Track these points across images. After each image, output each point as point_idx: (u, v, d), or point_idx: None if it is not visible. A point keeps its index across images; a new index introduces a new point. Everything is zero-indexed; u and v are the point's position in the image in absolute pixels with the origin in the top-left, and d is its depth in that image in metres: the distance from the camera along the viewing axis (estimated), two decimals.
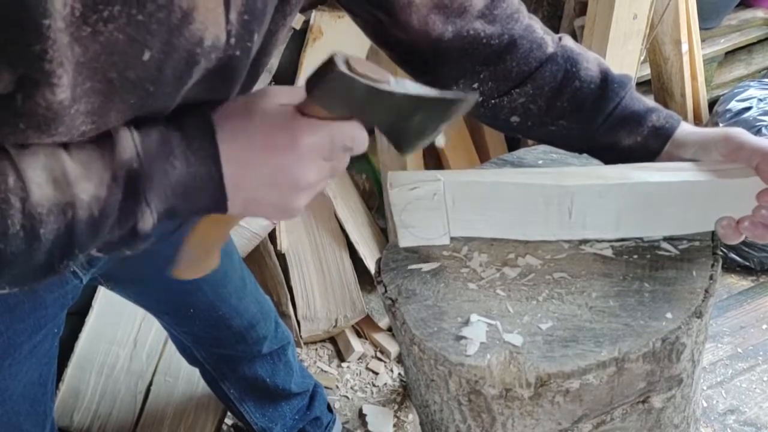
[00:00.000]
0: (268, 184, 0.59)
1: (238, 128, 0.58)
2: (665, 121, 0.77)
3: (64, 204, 0.52)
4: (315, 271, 1.84)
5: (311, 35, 1.63)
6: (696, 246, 0.76)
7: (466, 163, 1.91)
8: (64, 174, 0.52)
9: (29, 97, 0.47)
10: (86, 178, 0.52)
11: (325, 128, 0.58)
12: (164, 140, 0.55)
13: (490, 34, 0.76)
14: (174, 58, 0.52)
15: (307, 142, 0.58)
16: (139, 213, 0.55)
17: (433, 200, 0.76)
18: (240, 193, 0.59)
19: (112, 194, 0.53)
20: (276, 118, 0.58)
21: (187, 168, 0.56)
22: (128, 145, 0.54)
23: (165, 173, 0.55)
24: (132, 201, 0.54)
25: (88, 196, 0.52)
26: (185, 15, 0.50)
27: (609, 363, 0.64)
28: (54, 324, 0.92)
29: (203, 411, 1.62)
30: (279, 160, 0.58)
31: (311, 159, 0.59)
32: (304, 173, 0.59)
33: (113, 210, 0.54)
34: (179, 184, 0.56)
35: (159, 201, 0.56)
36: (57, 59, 0.45)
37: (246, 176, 0.58)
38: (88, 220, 0.53)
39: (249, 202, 0.60)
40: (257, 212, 0.62)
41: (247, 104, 0.59)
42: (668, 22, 2.01)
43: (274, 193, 0.60)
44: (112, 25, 0.46)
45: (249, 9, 0.56)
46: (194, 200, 0.58)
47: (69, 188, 0.52)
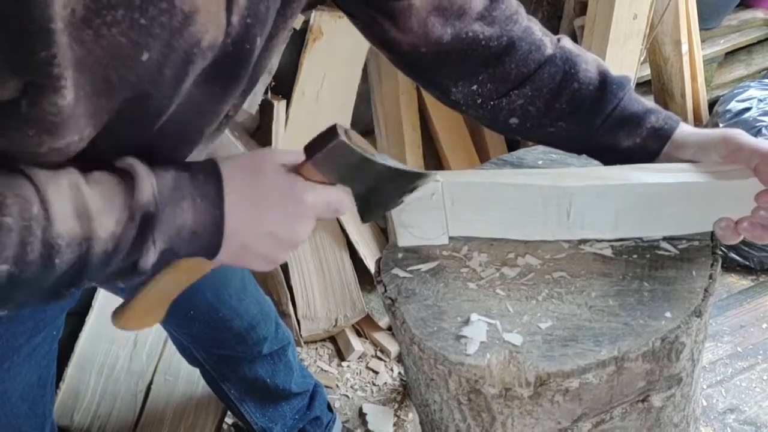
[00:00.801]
0: (265, 234, 0.64)
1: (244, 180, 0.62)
2: (664, 122, 0.78)
3: (83, 238, 0.54)
4: (315, 271, 1.84)
5: (311, 35, 1.64)
6: (695, 245, 0.76)
7: (466, 163, 1.92)
8: (86, 208, 0.54)
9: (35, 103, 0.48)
10: (106, 214, 0.55)
11: (325, 191, 0.65)
12: (177, 185, 0.59)
13: (489, 36, 0.77)
14: (172, 59, 0.52)
15: (310, 202, 0.64)
16: (144, 250, 0.58)
17: (432, 200, 0.76)
18: (235, 241, 0.63)
19: (127, 232, 0.56)
20: (280, 176, 0.63)
21: (194, 213, 0.60)
22: (147, 188, 0.57)
23: (174, 216, 0.58)
24: (141, 239, 0.57)
25: (106, 232, 0.55)
26: (186, 18, 0.50)
27: (608, 362, 0.64)
28: (53, 326, 0.92)
29: (203, 411, 1.62)
30: (282, 214, 0.63)
31: (310, 218, 0.65)
32: (301, 229, 0.65)
33: (125, 247, 0.57)
34: (184, 227, 0.59)
35: (163, 241, 0.59)
36: (63, 62, 0.46)
37: (247, 225, 0.62)
38: (102, 254, 0.56)
39: (240, 249, 0.64)
40: (242, 260, 0.66)
41: (252, 160, 0.64)
42: (668, 23, 2.01)
43: (267, 243, 0.64)
44: (116, 29, 0.47)
45: (252, 13, 0.56)
46: (194, 243, 0.61)
47: (90, 223, 0.54)
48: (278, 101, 1.67)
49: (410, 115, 1.84)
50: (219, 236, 0.62)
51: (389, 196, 0.73)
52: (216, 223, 0.61)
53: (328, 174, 0.65)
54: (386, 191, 0.71)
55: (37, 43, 0.44)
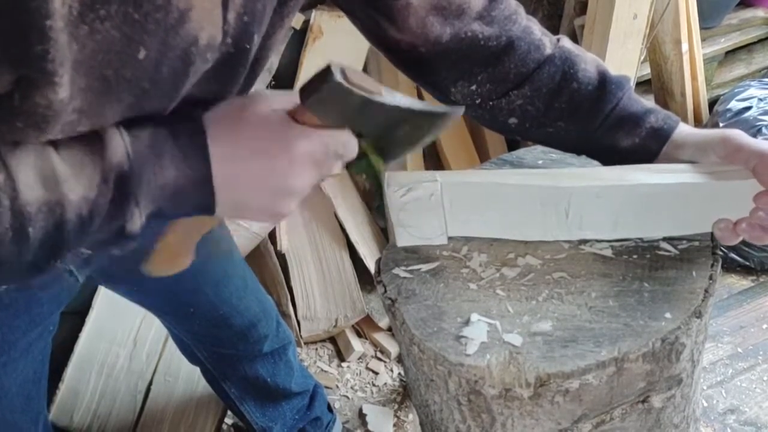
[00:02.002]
0: (258, 187, 0.59)
1: (229, 131, 0.58)
2: (663, 123, 0.77)
3: (53, 203, 0.52)
4: (315, 271, 1.84)
5: (311, 35, 1.63)
6: (696, 246, 0.76)
7: (466, 163, 1.92)
8: (53, 173, 0.52)
9: (28, 97, 0.47)
10: (76, 178, 0.52)
11: (318, 136, 0.59)
12: (154, 142, 0.55)
13: (488, 36, 0.76)
14: (170, 57, 0.52)
15: (300, 148, 0.58)
16: (128, 214, 0.55)
17: (431, 200, 0.76)
18: (228, 195, 0.59)
19: (102, 195, 0.53)
20: (269, 122, 0.59)
21: (176, 170, 0.56)
22: (118, 147, 0.54)
23: (154, 175, 0.55)
24: (121, 202, 0.54)
25: (77, 196, 0.52)
26: (182, 15, 0.50)
27: (608, 363, 0.64)
28: (49, 321, 0.93)
29: (203, 410, 1.62)
30: (272, 164, 0.58)
31: (303, 165, 0.59)
32: (295, 178, 0.60)
33: (102, 210, 0.54)
34: (168, 185, 0.56)
35: (147, 202, 0.56)
36: (58, 59, 0.45)
37: (236, 179, 0.58)
38: (76, 219, 0.53)
39: (237, 204, 0.60)
40: (244, 215, 0.62)
41: (240, 108, 0.59)
42: (668, 22, 2.01)
43: (264, 197, 0.60)
44: (109, 23, 0.47)
45: (249, 10, 0.56)
46: (183, 202, 0.58)
47: (58, 187, 0.52)
48: None
49: None
50: (209, 192, 0.58)
51: (407, 137, 0.65)
52: (202, 178, 0.57)
53: (327, 118, 0.59)
54: (402, 132, 0.64)
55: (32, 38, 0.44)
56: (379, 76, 1.83)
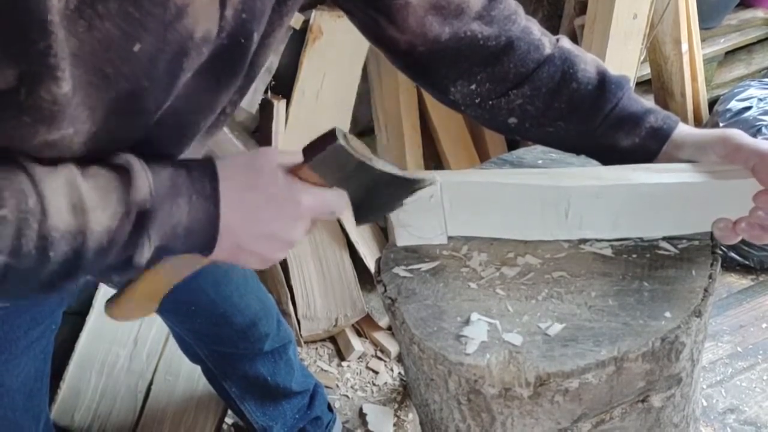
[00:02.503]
0: (263, 235, 0.64)
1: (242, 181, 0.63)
2: (663, 122, 0.78)
3: (77, 232, 0.54)
4: (315, 271, 1.84)
5: (311, 35, 1.63)
6: (695, 245, 0.76)
7: (466, 162, 1.92)
8: (81, 202, 0.54)
9: (33, 92, 0.48)
10: (101, 209, 0.55)
11: (322, 194, 0.66)
12: (174, 182, 0.59)
13: (488, 36, 0.77)
14: (166, 51, 0.53)
15: (307, 204, 0.64)
16: (138, 246, 0.58)
17: (431, 200, 0.76)
18: (230, 239, 0.63)
19: (122, 228, 0.57)
20: (278, 176, 0.63)
21: (189, 210, 0.60)
22: (143, 185, 0.57)
23: (170, 213, 0.59)
24: (137, 236, 0.58)
25: (101, 226, 0.55)
26: (179, 10, 0.51)
27: (608, 362, 0.64)
28: (51, 320, 0.93)
29: (203, 410, 1.62)
30: (279, 214, 0.64)
31: (305, 219, 0.66)
32: (297, 230, 0.65)
33: (120, 242, 0.57)
34: (180, 224, 0.60)
35: (158, 238, 0.59)
36: (60, 53, 0.47)
37: (243, 224, 0.63)
38: (96, 248, 0.56)
39: (235, 248, 0.64)
40: (238, 258, 0.66)
41: (250, 159, 0.64)
42: (668, 22, 2.01)
43: (264, 244, 0.65)
44: (108, 21, 0.47)
45: (247, 8, 0.57)
46: (189, 240, 0.61)
47: (85, 217, 0.54)
48: (278, 101, 1.67)
49: (410, 114, 1.84)
50: (214, 234, 0.62)
51: (387, 201, 0.74)
52: (211, 220, 0.61)
53: (325, 177, 0.65)
54: (384, 196, 0.72)
55: (34, 34, 0.45)
56: (379, 77, 1.83)
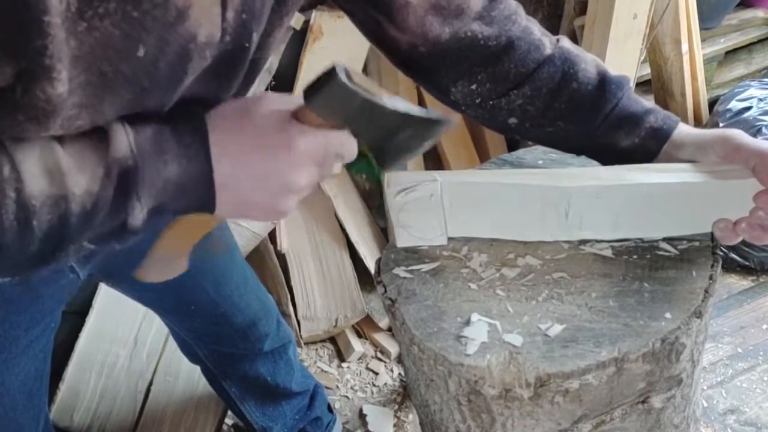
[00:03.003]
0: (259, 186, 0.60)
1: (231, 129, 0.59)
2: (663, 123, 0.78)
3: (58, 197, 0.52)
4: (315, 271, 1.84)
5: (311, 35, 1.63)
6: (696, 246, 0.76)
7: (466, 163, 1.92)
8: (57, 166, 0.52)
9: (28, 90, 0.48)
10: (80, 172, 0.53)
11: (319, 135, 0.60)
12: (157, 138, 0.56)
13: (488, 36, 0.77)
14: (168, 53, 0.52)
15: (302, 147, 0.59)
16: (129, 208, 0.56)
17: (431, 201, 0.76)
18: (229, 194, 0.60)
19: (105, 189, 0.54)
20: (271, 121, 0.59)
21: (178, 166, 0.56)
22: (122, 142, 0.54)
23: (157, 171, 0.56)
24: (123, 197, 0.55)
25: (81, 190, 0.53)
26: (180, 13, 0.51)
27: (608, 363, 0.64)
28: (51, 318, 0.93)
29: (203, 411, 1.62)
30: (273, 162, 0.59)
31: (304, 164, 0.60)
32: (296, 177, 0.60)
33: (105, 205, 0.55)
34: (170, 181, 0.57)
35: (149, 197, 0.56)
36: (56, 54, 0.46)
37: (237, 177, 0.59)
38: (80, 213, 0.54)
39: (237, 202, 0.61)
40: (244, 213, 0.63)
41: (242, 107, 0.60)
42: (668, 22, 2.01)
43: (264, 195, 0.61)
44: (108, 20, 0.47)
45: (247, 9, 0.56)
46: (184, 198, 0.58)
47: (63, 181, 0.52)
48: None
49: None
50: (210, 189, 0.58)
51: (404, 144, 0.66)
52: (204, 175, 0.58)
53: (329, 118, 0.60)
54: (402, 138, 0.64)
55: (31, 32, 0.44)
56: (379, 77, 1.83)
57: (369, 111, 0.60)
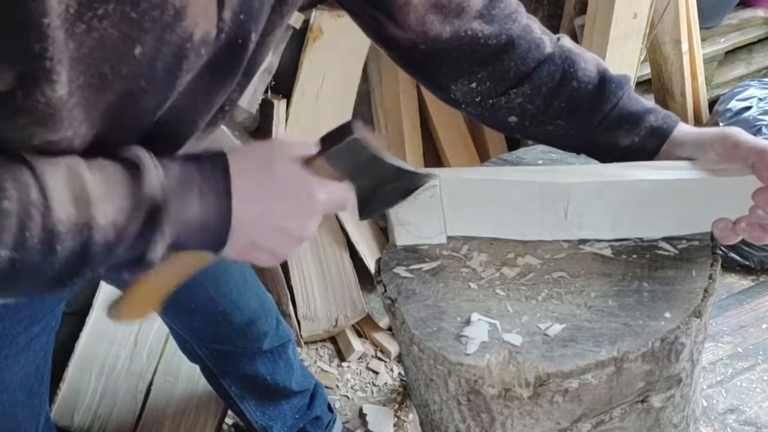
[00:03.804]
0: (275, 230, 0.63)
1: (253, 175, 0.61)
2: (663, 122, 0.78)
3: (83, 225, 0.53)
4: (315, 271, 1.84)
5: (311, 35, 1.63)
6: (695, 245, 0.76)
7: (466, 162, 1.92)
8: (85, 194, 0.53)
9: (29, 94, 0.48)
10: (107, 201, 0.54)
11: (334, 188, 0.65)
12: (184, 177, 0.58)
13: (488, 34, 0.77)
14: (164, 53, 0.52)
15: (322, 198, 0.63)
16: (152, 243, 0.57)
17: (430, 199, 0.76)
18: (242, 235, 0.62)
19: (131, 223, 0.55)
20: (292, 172, 0.63)
21: (201, 205, 0.58)
22: (154, 180, 0.56)
23: (181, 209, 0.57)
24: (148, 232, 0.56)
25: (107, 220, 0.54)
26: (177, 12, 0.51)
27: (608, 363, 0.64)
28: (51, 317, 0.93)
29: (204, 411, 1.62)
30: (295, 211, 0.63)
31: (319, 213, 0.64)
32: (310, 225, 0.64)
33: (129, 237, 0.56)
34: (192, 220, 0.58)
35: (171, 234, 0.58)
36: (56, 57, 0.46)
37: (256, 218, 0.62)
38: (103, 243, 0.55)
39: (247, 244, 0.63)
40: (249, 256, 0.65)
41: (263, 154, 0.63)
42: (668, 22, 2.01)
43: (277, 239, 0.64)
44: (107, 21, 0.47)
45: (245, 9, 0.56)
46: (202, 236, 0.60)
47: (89, 209, 0.53)
48: (278, 100, 1.67)
49: (410, 114, 1.84)
50: (226, 230, 0.60)
51: (392, 195, 0.73)
52: (224, 215, 0.60)
53: (338, 169, 0.65)
54: (388, 190, 0.72)
55: (31, 36, 0.44)
56: (379, 76, 1.83)
57: (374, 165, 0.66)
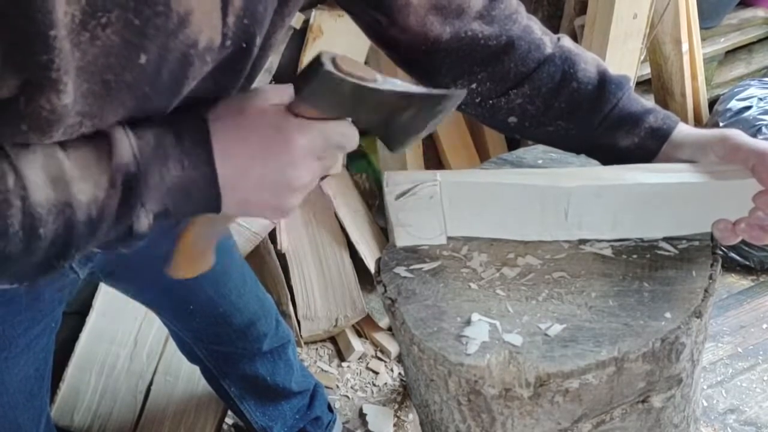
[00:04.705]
0: (262, 185, 0.60)
1: (231, 129, 0.59)
2: (663, 123, 0.78)
3: (63, 204, 0.52)
4: (315, 271, 1.84)
5: (311, 35, 1.63)
6: (696, 245, 0.76)
7: (466, 162, 1.92)
8: (62, 174, 0.52)
9: (32, 101, 0.48)
10: (84, 179, 0.53)
11: (316, 128, 0.59)
12: (159, 143, 0.56)
13: (488, 35, 0.76)
14: (169, 60, 0.52)
15: (299, 143, 0.59)
16: (134, 215, 0.56)
17: (430, 200, 0.76)
18: (234, 194, 0.60)
19: (110, 197, 0.54)
20: (269, 119, 0.59)
21: (182, 170, 0.56)
22: (125, 149, 0.54)
23: (160, 175, 0.56)
24: (128, 203, 0.55)
25: (86, 197, 0.53)
26: (182, 19, 0.50)
27: (608, 363, 0.64)
28: (51, 318, 0.93)
29: (203, 411, 1.62)
30: (274, 162, 0.59)
31: (304, 159, 0.60)
32: (297, 174, 0.60)
33: (111, 211, 0.55)
34: (174, 186, 0.57)
35: (154, 203, 0.56)
36: (63, 67, 0.46)
37: (240, 177, 0.59)
38: (86, 220, 0.54)
39: (243, 202, 0.61)
40: (251, 212, 0.63)
41: (240, 105, 0.60)
42: (668, 22, 2.01)
43: (269, 193, 0.61)
44: (110, 29, 0.47)
45: (249, 13, 0.56)
46: (189, 202, 0.58)
47: (67, 188, 0.52)
48: None
49: None
50: (215, 192, 0.58)
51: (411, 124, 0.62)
52: (207, 179, 0.57)
53: (323, 109, 0.59)
54: (407, 118, 0.61)
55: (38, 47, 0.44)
56: None
57: (363, 96, 0.58)
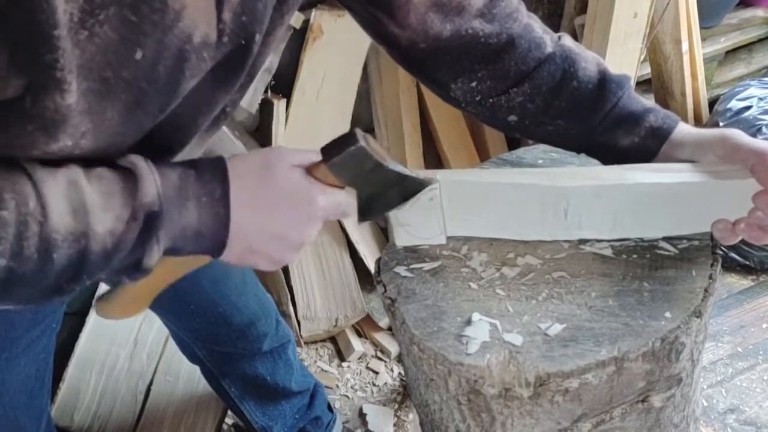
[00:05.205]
0: (274, 236, 0.63)
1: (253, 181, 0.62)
2: (663, 122, 0.78)
3: (80, 234, 0.54)
4: (315, 271, 1.84)
5: (311, 34, 1.63)
6: (695, 245, 0.76)
7: (466, 162, 1.92)
8: (83, 204, 0.54)
9: (38, 101, 0.48)
10: (105, 210, 0.55)
11: (336, 195, 0.65)
12: (182, 185, 0.58)
13: (489, 33, 0.77)
14: (165, 56, 0.53)
15: (321, 205, 0.64)
16: (147, 250, 0.58)
17: (430, 200, 0.76)
18: (241, 242, 0.62)
19: (129, 231, 0.56)
20: (293, 179, 0.63)
21: (198, 212, 0.59)
22: (151, 188, 0.56)
23: (179, 215, 0.58)
24: (144, 238, 0.57)
25: (104, 228, 0.55)
26: (177, 14, 0.51)
27: (608, 362, 0.64)
28: (52, 319, 0.93)
29: (203, 411, 1.62)
30: (296, 219, 0.63)
31: (318, 220, 0.65)
32: (310, 232, 0.65)
33: (127, 245, 0.56)
34: (189, 227, 0.59)
35: (167, 240, 0.58)
36: (67, 66, 0.47)
37: (254, 225, 0.62)
38: (100, 251, 0.55)
39: (246, 250, 0.64)
40: (248, 261, 0.66)
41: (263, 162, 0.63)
42: (668, 21, 2.01)
43: (276, 246, 0.64)
44: (107, 26, 0.48)
45: (248, 10, 0.56)
46: (198, 242, 0.61)
47: (86, 218, 0.54)
48: (278, 100, 1.67)
49: (410, 113, 1.84)
50: (224, 236, 0.61)
51: (391, 199, 0.73)
52: (221, 223, 0.60)
53: (341, 177, 0.65)
54: (389, 195, 0.72)
55: (41, 47, 0.45)
56: (379, 75, 1.83)
57: (378, 173, 0.66)
